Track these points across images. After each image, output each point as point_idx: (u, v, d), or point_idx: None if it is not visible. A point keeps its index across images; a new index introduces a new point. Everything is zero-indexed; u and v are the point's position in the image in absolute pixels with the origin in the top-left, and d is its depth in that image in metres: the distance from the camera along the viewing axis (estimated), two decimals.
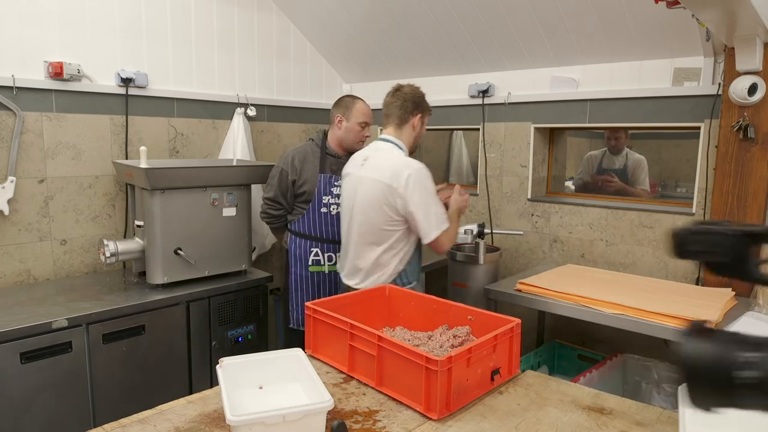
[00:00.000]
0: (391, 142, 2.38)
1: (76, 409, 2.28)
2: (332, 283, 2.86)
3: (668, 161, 3.33)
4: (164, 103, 3.19)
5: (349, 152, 2.92)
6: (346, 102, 2.87)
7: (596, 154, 3.48)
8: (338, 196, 2.80)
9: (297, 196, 2.84)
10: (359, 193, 2.34)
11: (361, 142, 2.87)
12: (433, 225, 2.25)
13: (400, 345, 1.52)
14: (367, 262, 2.35)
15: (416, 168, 2.24)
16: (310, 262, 2.83)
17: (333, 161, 2.87)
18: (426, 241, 2.30)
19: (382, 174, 2.26)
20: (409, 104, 2.37)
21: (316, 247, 2.83)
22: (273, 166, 2.94)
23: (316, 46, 4.03)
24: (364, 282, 2.37)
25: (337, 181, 2.82)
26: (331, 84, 4.24)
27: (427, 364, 1.42)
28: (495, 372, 1.61)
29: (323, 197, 2.81)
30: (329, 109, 4.14)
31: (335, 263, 2.84)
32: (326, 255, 2.84)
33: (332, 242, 2.84)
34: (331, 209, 2.83)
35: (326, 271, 2.86)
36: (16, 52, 2.62)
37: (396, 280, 2.34)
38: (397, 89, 2.41)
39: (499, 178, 3.54)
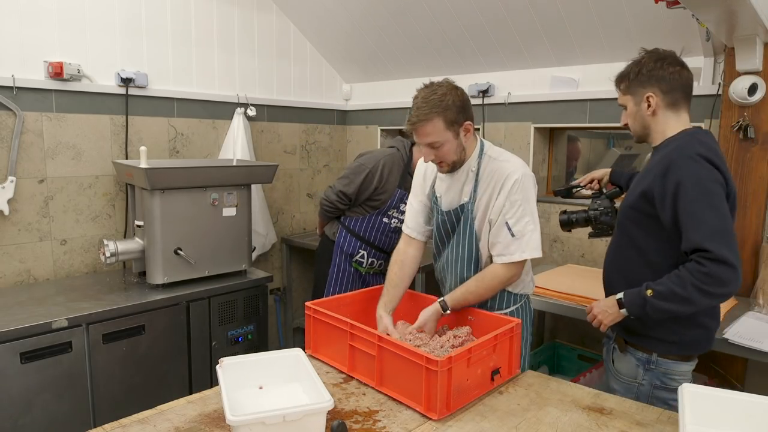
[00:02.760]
0: None
1: (76, 409, 2.28)
2: (364, 284, 2.91)
3: None
4: (164, 103, 3.19)
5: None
6: None
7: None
8: (404, 212, 2.75)
9: (369, 200, 2.83)
10: None
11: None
12: None
13: (401, 345, 1.52)
14: None
15: None
16: (354, 259, 2.90)
17: (408, 180, 2.77)
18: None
19: None
20: None
21: (363, 249, 2.88)
22: (274, 166, 2.94)
23: (315, 46, 4.03)
24: None
25: (406, 198, 2.75)
26: (331, 84, 4.23)
27: (428, 365, 1.42)
28: (495, 372, 1.61)
29: (390, 210, 2.84)
30: (329, 110, 4.20)
31: (367, 267, 2.93)
32: (369, 259, 2.90)
33: (379, 249, 2.90)
34: (392, 222, 2.86)
35: (362, 273, 2.93)
36: (16, 52, 2.62)
37: None
38: None
39: None
